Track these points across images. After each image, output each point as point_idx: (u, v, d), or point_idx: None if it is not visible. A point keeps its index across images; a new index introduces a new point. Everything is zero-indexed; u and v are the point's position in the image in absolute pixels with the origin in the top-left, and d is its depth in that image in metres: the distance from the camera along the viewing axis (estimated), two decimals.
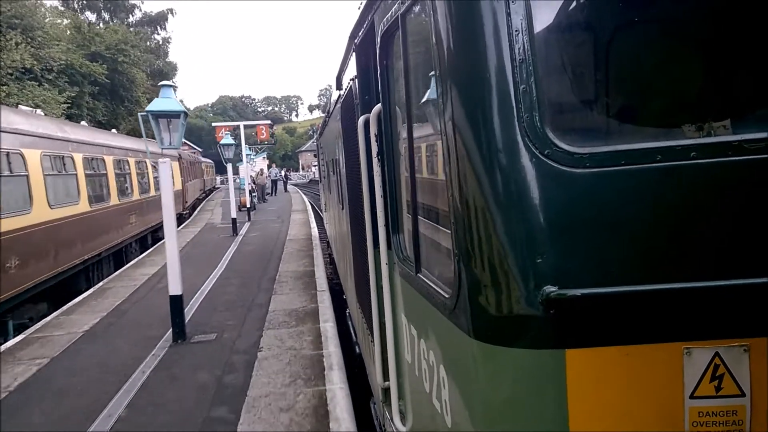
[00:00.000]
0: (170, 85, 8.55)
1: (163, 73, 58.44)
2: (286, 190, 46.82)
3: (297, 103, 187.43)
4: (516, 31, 1.83)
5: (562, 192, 1.79)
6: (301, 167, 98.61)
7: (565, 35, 1.98)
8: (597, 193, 1.78)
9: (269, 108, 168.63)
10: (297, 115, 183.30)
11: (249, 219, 24.11)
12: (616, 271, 1.76)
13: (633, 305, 1.75)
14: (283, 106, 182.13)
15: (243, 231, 20.41)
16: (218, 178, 64.43)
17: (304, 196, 39.76)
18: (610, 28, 1.98)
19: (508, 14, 1.84)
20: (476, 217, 1.90)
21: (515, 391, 1.87)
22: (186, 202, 29.79)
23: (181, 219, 26.08)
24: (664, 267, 1.76)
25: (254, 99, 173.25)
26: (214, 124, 25.78)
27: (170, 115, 8.17)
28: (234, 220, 19.83)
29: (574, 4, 1.98)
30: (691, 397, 1.77)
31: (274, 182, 40.74)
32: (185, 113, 8.45)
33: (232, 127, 24.02)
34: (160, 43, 61.43)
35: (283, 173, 51.50)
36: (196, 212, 31.40)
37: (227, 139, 20.76)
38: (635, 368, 1.77)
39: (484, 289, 1.90)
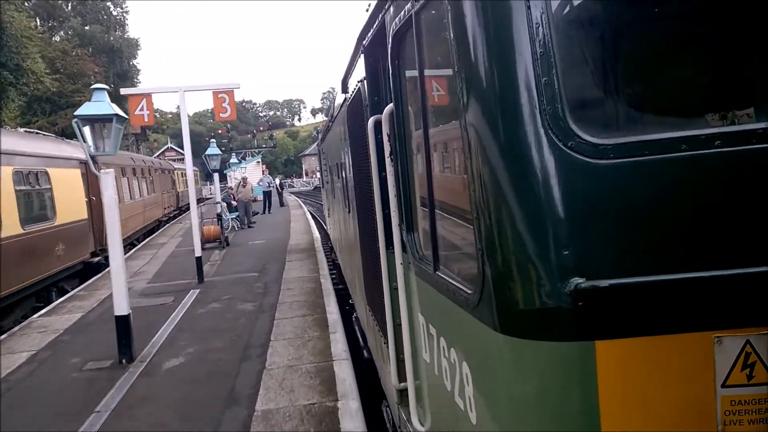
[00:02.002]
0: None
1: (114, 49, 41.91)
2: (282, 204, 35.03)
3: (299, 106, 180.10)
4: (536, 23, 1.83)
5: (586, 183, 1.79)
6: (304, 173, 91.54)
7: (586, 27, 1.99)
8: (621, 184, 1.78)
9: (271, 112, 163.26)
10: (300, 120, 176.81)
11: (200, 280, 12.10)
12: (643, 261, 1.76)
13: (662, 295, 1.74)
14: (285, 110, 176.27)
15: (155, 344, 8.10)
16: (210, 187, 45.60)
17: (308, 212, 28.71)
18: (630, 18, 1.98)
19: (528, 7, 1.84)
20: (500, 211, 1.90)
21: (544, 385, 1.86)
22: (104, 241, 13.89)
23: (85, 273, 14.99)
24: (692, 256, 1.75)
25: (255, 104, 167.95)
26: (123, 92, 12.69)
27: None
28: (124, 325, 7.40)
29: None
30: (723, 386, 1.77)
31: (267, 195, 30.51)
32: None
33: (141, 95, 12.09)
34: (111, 10, 43.50)
35: (277, 182, 38.14)
36: (132, 252, 18.24)
37: (95, 105, 7.50)
38: (666, 358, 1.76)
39: (509, 282, 1.90)
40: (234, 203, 23.05)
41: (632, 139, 1.79)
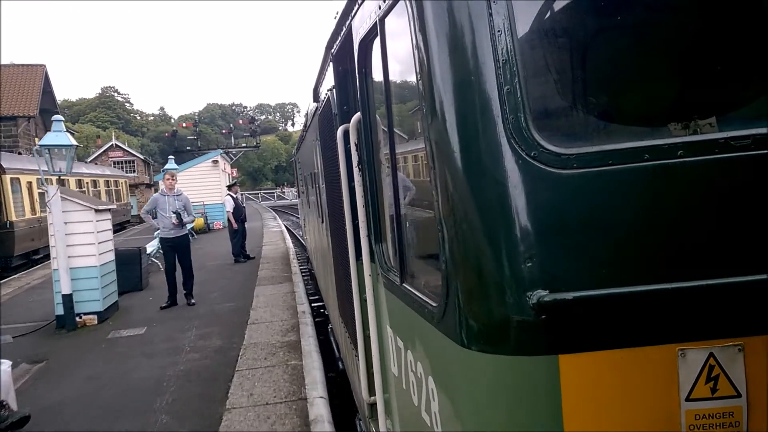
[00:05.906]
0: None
1: None
2: (242, 254, 16.32)
3: (293, 111, 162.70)
4: (498, 31, 1.80)
5: (549, 194, 1.75)
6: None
7: (549, 35, 1.96)
8: (585, 194, 1.75)
9: (262, 117, 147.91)
10: (293, 125, 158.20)
11: None
12: (607, 273, 1.73)
13: (626, 307, 1.71)
14: (278, 114, 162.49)
15: None
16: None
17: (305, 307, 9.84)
18: (594, 27, 1.97)
19: (490, 14, 1.81)
20: (463, 223, 1.85)
21: (508, 400, 1.81)
22: None
23: None
24: (656, 267, 1.73)
25: (246, 107, 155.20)
26: None
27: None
28: None
29: (557, 3, 1.96)
30: (687, 399, 1.74)
31: (175, 246, 10.62)
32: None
33: None
34: None
35: (227, 206, 16.10)
36: None
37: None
38: (630, 372, 1.73)
39: (472, 296, 1.85)
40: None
41: (595, 148, 1.77)
